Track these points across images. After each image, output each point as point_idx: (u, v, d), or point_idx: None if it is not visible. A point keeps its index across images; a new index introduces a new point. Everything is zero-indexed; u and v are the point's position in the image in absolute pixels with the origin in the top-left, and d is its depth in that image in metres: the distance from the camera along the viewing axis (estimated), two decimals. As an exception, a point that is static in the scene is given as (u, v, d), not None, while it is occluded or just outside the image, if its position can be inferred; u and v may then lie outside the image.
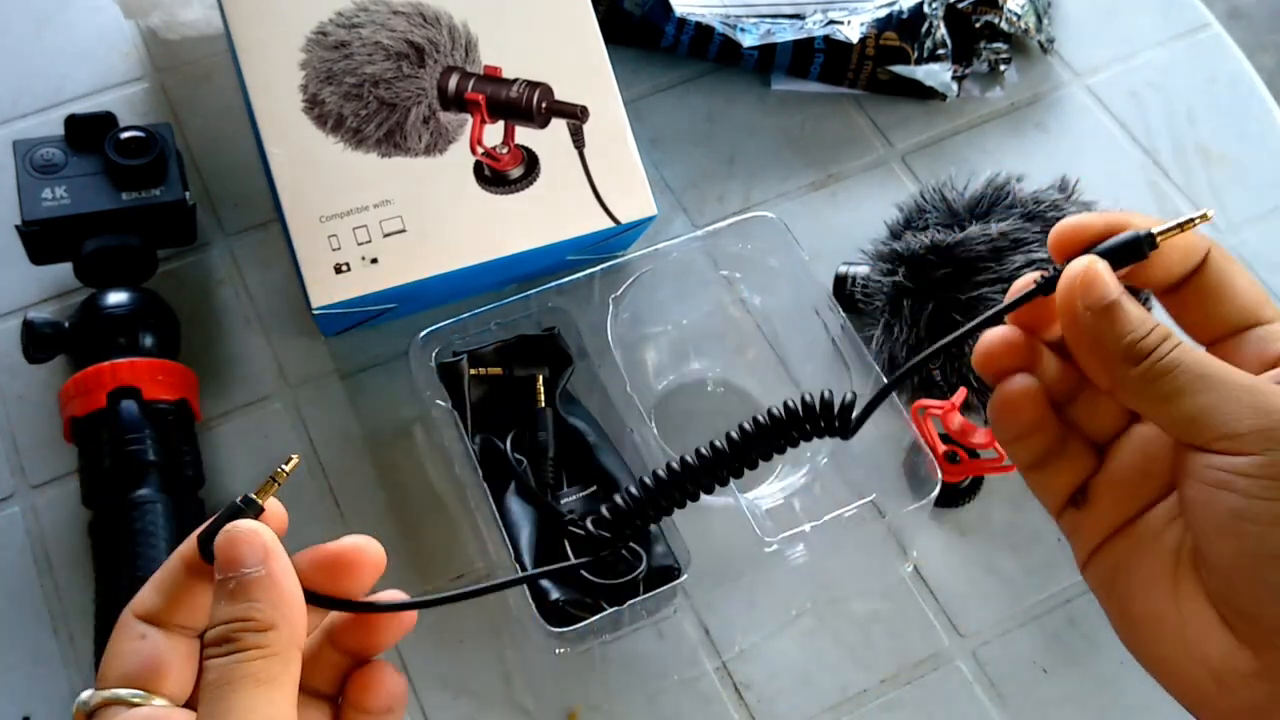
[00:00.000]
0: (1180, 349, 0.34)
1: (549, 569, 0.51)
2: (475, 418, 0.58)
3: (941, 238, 0.58)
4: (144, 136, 0.60)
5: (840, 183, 0.71)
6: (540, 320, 0.60)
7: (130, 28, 0.74)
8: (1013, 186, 0.60)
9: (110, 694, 0.34)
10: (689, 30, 0.72)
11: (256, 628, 0.33)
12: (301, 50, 0.58)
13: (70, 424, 0.57)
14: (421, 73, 0.59)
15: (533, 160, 0.59)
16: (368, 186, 0.58)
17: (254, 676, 0.32)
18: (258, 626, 0.33)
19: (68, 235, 0.59)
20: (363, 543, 0.36)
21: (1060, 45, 0.77)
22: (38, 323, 0.57)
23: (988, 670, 0.57)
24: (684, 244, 0.61)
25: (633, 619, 0.55)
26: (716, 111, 0.73)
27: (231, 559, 0.34)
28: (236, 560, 0.34)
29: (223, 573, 0.33)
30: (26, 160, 0.59)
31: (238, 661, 0.32)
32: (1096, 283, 0.34)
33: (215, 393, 0.62)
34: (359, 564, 0.36)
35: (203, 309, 0.65)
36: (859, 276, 0.63)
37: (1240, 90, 0.76)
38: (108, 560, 0.53)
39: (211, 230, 0.67)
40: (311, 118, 0.58)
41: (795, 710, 0.56)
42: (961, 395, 0.57)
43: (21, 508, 0.59)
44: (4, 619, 0.57)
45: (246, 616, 0.33)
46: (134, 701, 0.34)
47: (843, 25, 0.71)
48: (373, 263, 0.57)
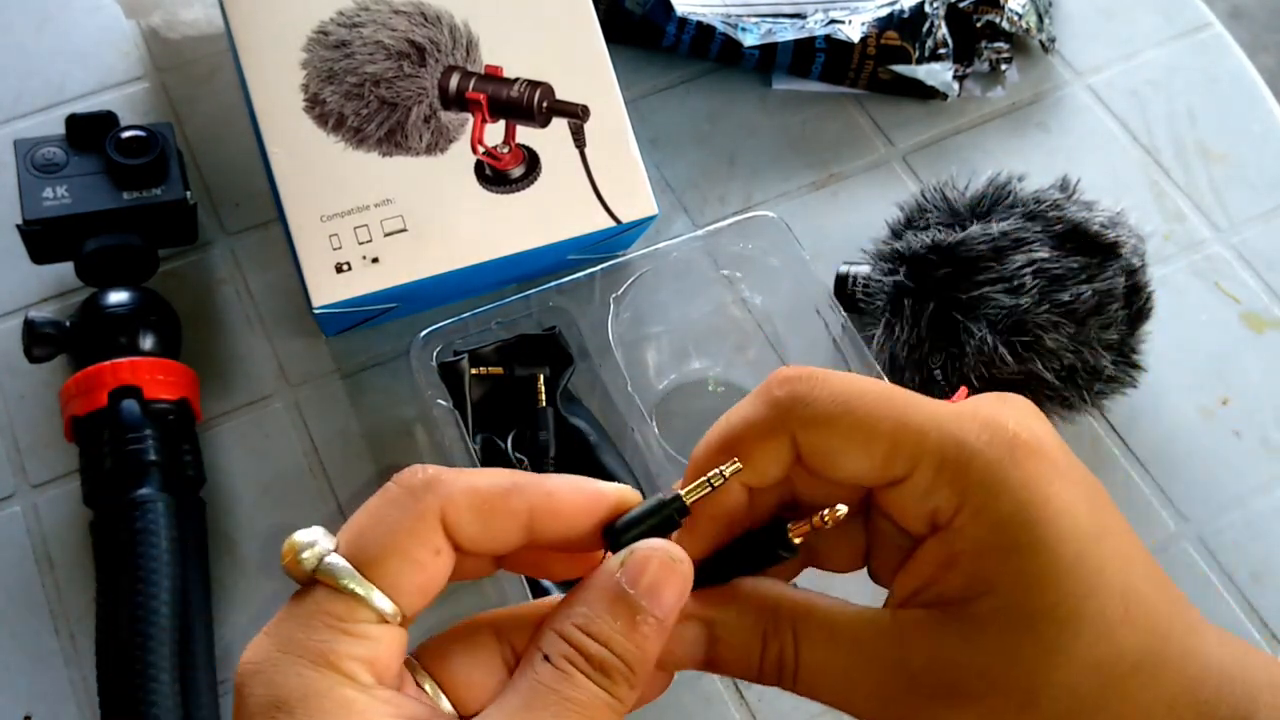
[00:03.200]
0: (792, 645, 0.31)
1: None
2: (476, 417, 0.58)
3: (943, 237, 0.58)
4: (145, 136, 0.60)
5: (841, 182, 0.71)
6: (541, 320, 0.60)
7: (131, 27, 0.74)
8: (1014, 186, 0.60)
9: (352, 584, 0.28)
10: (690, 30, 0.72)
11: (627, 677, 0.28)
12: (302, 49, 0.58)
13: (71, 423, 0.57)
14: (422, 72, 0.59)
15: (534, 160, 0.59)
16: (369, 186, 0.58)
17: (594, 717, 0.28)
18: (629, 677, 0.28)
19: (68, 234, 0.59)
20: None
21: (1061, 45, 0.77)
22: (38, 322, 0.57)
23: (989, 670, 0.57)
24: (685, 243, 0.61)
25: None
26: (717, 111, 0.73)
27: (656, 590, 0.29)
28: (659, 595, 0.29)
29: (634, 588, 0.29)
30: (27, 159, 0.59)
31: (592, 695, 0.28)
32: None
33: (216, 392, 0.62)
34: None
35: (204, 308, 0.65)
36: (860, 276, 0.63)
37: (1241, 90, 0.76)
38: (109, 560, 0.53)
39: (212, 230, 0.67)
40: (312, 117, 0.58)
41: (796, 709, 0.56)
42: (962, 394, 0.56)
43: (22, 507, 0.59)
44: (5, 618, 0.57)
45: (629, 660, 0.28)
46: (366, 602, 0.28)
47: (844, 25, 0.71)
48: (374, 262, 0.57)
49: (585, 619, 0.28)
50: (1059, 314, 0.56)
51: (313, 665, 0.27)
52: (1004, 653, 0.28)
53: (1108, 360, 0.57)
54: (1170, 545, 0.61)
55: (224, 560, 0.58)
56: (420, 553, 0.29)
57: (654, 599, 0.29)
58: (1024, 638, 0.28)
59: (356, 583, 0.29)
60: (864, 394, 0.30)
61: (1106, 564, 0.28)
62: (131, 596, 0.52)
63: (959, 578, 0.29)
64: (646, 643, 0.29)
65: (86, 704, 0.55)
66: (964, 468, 0.29)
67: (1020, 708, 0.28)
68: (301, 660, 0.28)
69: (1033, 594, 0.28)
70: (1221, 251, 0.70)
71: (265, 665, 0.28)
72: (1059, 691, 0.28)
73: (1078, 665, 0.28)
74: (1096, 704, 0.28)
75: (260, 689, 0.27)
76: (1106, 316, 0.57)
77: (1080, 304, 0.56)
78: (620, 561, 0.29)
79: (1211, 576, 0.60)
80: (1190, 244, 0.70)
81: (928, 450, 0.30)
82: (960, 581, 0.29)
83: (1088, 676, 0.28)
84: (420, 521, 0.29)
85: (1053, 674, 0.28)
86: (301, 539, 0.29)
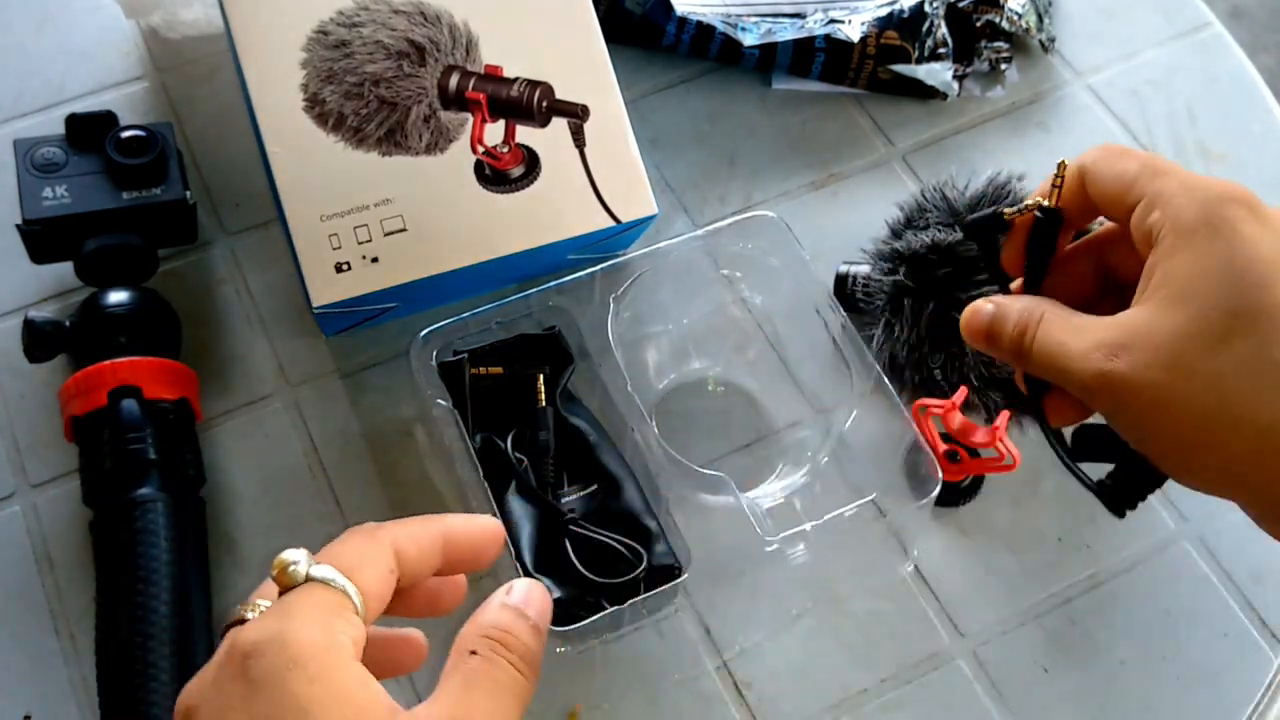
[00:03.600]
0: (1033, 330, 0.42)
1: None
2: (476, 417, 0.58)
3: (942, 237, 0.58)
4: (145, 136, 0.60)
5: (841, 182, 0.71)
6: (541, 319, 0.60)
7: (131, 27, 0.74)
8: (1014, 185, 0.60)
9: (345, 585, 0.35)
10: (690, 29, 0.72)
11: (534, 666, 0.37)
12: (302, 49, 0.58)
13: (71, 423, 0.57)
14: (422, 72, 0.59)
15: (533, 159, 0.59)
16: (368, 186, 0.58)
17: (517, 694, 0.35)
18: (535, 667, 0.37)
19: (68, 234, 0.59)
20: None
21: (1061, 44, 0.77)
22: (38, 322, 0.57)
23: (988, 670, 0.57)
24: (684, 243, 0.61)
25: (633, 618, 0.55)
26: (717, 111, 0.73)
27: (533, 604, 0.38)
28: (535, 606, 0.38)
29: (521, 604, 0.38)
30: (27, 159, 0.59)
31: (514, 676, 0.36)
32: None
33: (216, 392, 0.62)
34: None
35: (203, 308, 0.65)
36: (860, 276, 0.63)
37: (1241, 89, 0.76)
38: (109, 559, 0.53)
39: (212, 229, 0.67)
40: (312, 117, 0.58)
41: (796, 709, 0.56)
42: (962, 394, 0.56)
43: (22, 506, 0.59)
44: (5, 618, 0.57)
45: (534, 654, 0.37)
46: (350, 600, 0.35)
47: (844, 24, 0.71)
48: (373, 262, 0.57)
49: (498, 622, 0.37)
50: (1059, 314, 0.56)
51: (322, 634, 0.33)
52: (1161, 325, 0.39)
53: (1107, 360, 0.57)
54: (1170, 545, 0.61)
55: (224, 560, 0.58)
56: (384, 568, 0.36)
57: (534, 610, 0.38)
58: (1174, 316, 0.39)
59: (348, 586, 0.35)
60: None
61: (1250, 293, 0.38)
62: (131, 596, 0.52)
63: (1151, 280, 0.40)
64: (536, 639, 0.37)
65: (86, 703, 0.55)
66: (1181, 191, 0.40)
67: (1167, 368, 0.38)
68: (313, 627, 0.33)
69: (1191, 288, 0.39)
70: (1221, 251, 0.70)
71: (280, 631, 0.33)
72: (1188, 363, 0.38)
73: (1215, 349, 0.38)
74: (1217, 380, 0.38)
75: (276, 649, 0.32)
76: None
77: (1080, 304, 0.56)
78: (504, 591, 0.38)
79: (1211, 576, 0.60)
80: (1190, 244, 0.70)
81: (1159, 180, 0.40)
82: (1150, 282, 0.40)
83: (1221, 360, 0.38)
84: (382, 548, 0.37)
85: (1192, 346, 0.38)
86: (289, 556, 0.35)
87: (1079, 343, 0.40)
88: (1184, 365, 0.38)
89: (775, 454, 0.61)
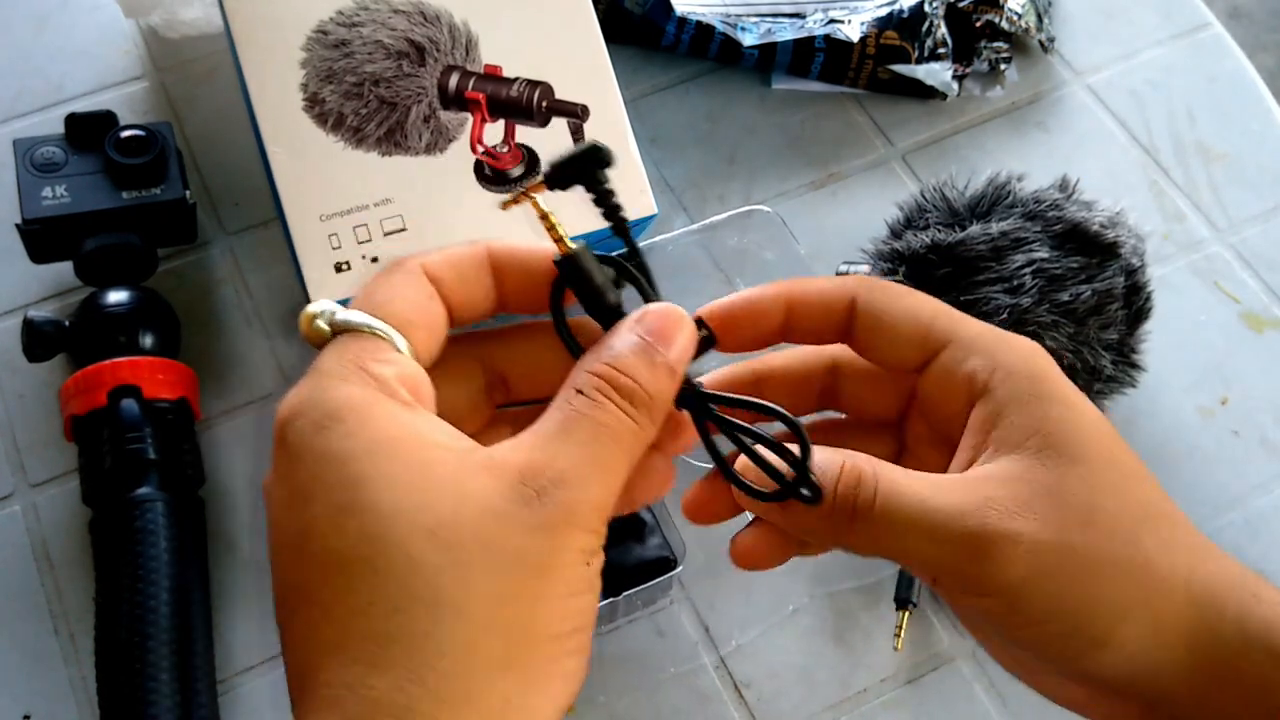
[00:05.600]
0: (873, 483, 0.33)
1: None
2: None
3: (942, 237, 0.58)
4: (144, 135, 0.60)
5: (841, 182, 0.71)
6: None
7: (130, 26, 0.74)
8: (1013, 186, 0.60)
9: (368, 323, 0.32)
10: (689, 29, 0.72)
11: (649, 407, 0.32)
12: (302, 49, 0.58)
13: (70, 422, 0.57)
14: (422, 71, 0.59)
15: (533, 159, 0.59)
16: (368, 185, 0.58)
17: (623, 440, 0.31)
18: (650, 408, 0.32)
19: (68, 234, 0.59)
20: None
21: (1061, 44, 0.77)
22: (38, 321, 0.57)
23: (988, 669, 0.57)
24: (681, 238, 0.61)
25: (628, 610, 0.55)
26: (717, 110, 0.73)
27: (667, 338, 0.33)
28: (670, 341, 0.33)
29: (651, 336, 0.33)
30: (27, 159, 0.59)
31: (620, 419, 0.31)
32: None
33: (215, 391, 0.62)
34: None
35: (203, 308, 0.65)
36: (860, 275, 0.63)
37: (1241, 89, 0.76)
38: (108, 559, 0.53)
39: (212, 229, 0.67)
40: (312, 116, 0.58)
41: (796, 709, 0.56)
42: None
43: (22, 506, 0.59)
44: (4, 617, 0.57)
45: (651, 393, 0.32)
46: (384, 339, 0.32)
47: (843, 24, 0.71)
48: (373, 261, 0.57)
49: (613, 358, 0.32)
50: (1058, 314, 0.56)
51: (357, 382, 0.30)
52: (1060, 479, 0.33)
53: (1107, 360, 0.57)
54: (1169, 545, 0.61)
55: (223, 559, 0.58)
56: (418, 296, 0.33)
57: (666, 345, 0.33)
58: (1073, 469, 0.33)
59: (374, 323, 0.32)
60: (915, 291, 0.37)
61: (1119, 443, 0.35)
62: (131, 595, 0.52)
63: (1006, 430, 0.34)
64: (663, 382, 0.32)
65: (86, 703, 0.55)
66: (997, 340, 0.35)
67: (1083, 524, 0.32)
68: (344, 381, 0.30)
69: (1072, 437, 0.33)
70: (1221, 251, 0.70)
71: (310, 394, 0.30)
72: (1107, 516, 0.32)
73: (1122, 499, 0.33)
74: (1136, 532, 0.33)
75: (308, 410, 0.30)
76: (1106, 316, 0.57)
77: (1080, 304, 0.56)
78: (635, 319, 0.34)
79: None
80: (1189, 243, 0.70)
81: (963, 326, 0.36)
82: (1007, 433, 0.34)
83: (1129, 509, 0.33)
84: (411, 275, 0.33)
85: (1103, 499, 0.33)
86: (314, 308, 0.32)
87: (949, 500, 0.32)
88: (1100, 522, 0.32)
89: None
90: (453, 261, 0.34)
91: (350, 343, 0.31)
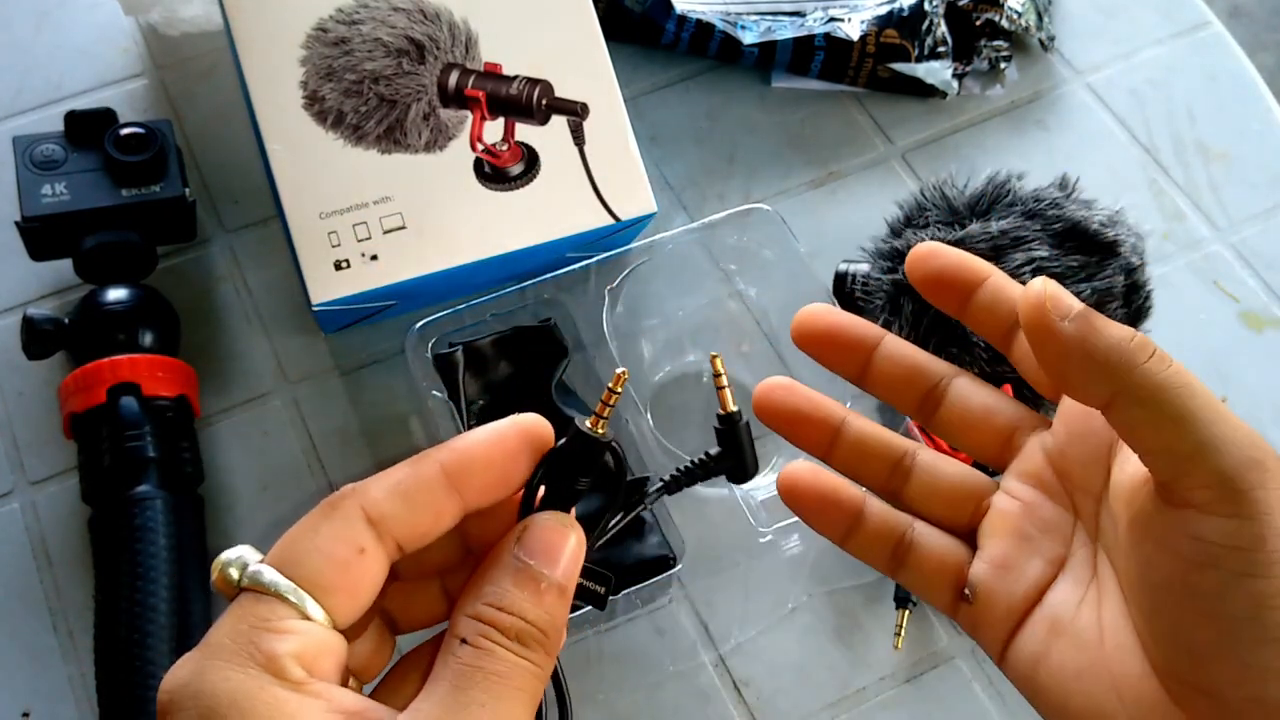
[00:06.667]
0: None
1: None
2: (470, 408, 0.58)
3: (942, 235, 0.58)
4: (144, 133, 0.60)
5: (841, 180, 0.71)
6: (536, 312, 0.60)
7: (130, 24, 0.74)
8: (1013, 184, 0.60)
9: (275, 583, 0.29)
10: (689, 27, 0.72)
11: (542, 642, 0.29)
12: (301, 46, 0.58)
13: (70, 420, 0.57)
14: (421, 69, 0.59)
15: (533, 157, 0.59)
16: (368, 183, 0.58)
17: (521, 686, 0.29)
18: (544, 642, 0.29)
19: (67, 231, 0.59)
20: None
21: (1061, 43, 0.77)
22: (37, 319, 0.57)
23: (987, 668, 0.57)
24: (680, 236, 0.61)
25: (628, 608, 0.55)
26: (717, 109, 0.73)
27: (551, 553, 0.30)
28: (555, 560, 0.30)
29: (533, 559, 0.30)
30: (26, 156, 0.59)
31: (514, 664, 0.29)
32: (1062, 294, 0.32)
33: (215, 389, 0.62)
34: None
35: (202, 305, 0.65)
36: (859, 274, 0.63)
37: (1241, 88, 0.76)
38: (107, 557, 0.53)
39: (211, 227, 0.67)
40: (311, 114, 0.58)
41: (795, 707, 0.56)
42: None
43: (21, 504, 0.59)
44: (4, 615, 0.57)
45: (542, 626, 0.29)
46: (291, 603, 0.29)
47: (843, 22, 0.71)
48: (372, 259, 0.57)
49: (494, 596, 0.29)
50: (1058, 312, 0.56)
51: (240, 666, 0.27)
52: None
53: (1106, 359, 0.57)
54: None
55: (222, 557, 0.58)
56: (342, 550, 0.29)
57: (551, 564, 0.30)
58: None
59: (280, 585, 0.29)
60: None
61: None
62: (130, 593, 0.52)
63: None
64: (554, 608, 0.30)
65: (85, 700, 0.55)
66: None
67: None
68: (229, 664, 0.27)
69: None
70: (1220, 250, 0.70)
71: (192, 679, 0.28)
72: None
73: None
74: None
75: (189, 703, 0.27)
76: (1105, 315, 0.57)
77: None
78: (515, 538, 0.30)
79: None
80: (1189, 243, 0.70)
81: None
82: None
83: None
84: (341, 522, 0.29)
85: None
86: (228, 556, 0.30)
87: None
88: None
89: (770, 447, 0.61)
90: (401, 491, 0.30)
91: (252, 607, 0.28)
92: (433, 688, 0.29)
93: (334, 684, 0.29)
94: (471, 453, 0.31)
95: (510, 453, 0.31)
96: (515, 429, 0.32)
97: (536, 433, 0.32)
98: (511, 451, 0.31)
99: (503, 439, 0.31)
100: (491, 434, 0.31)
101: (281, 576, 0.29)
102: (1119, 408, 0.31)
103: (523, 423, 0.32)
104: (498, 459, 0.31)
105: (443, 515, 0.31)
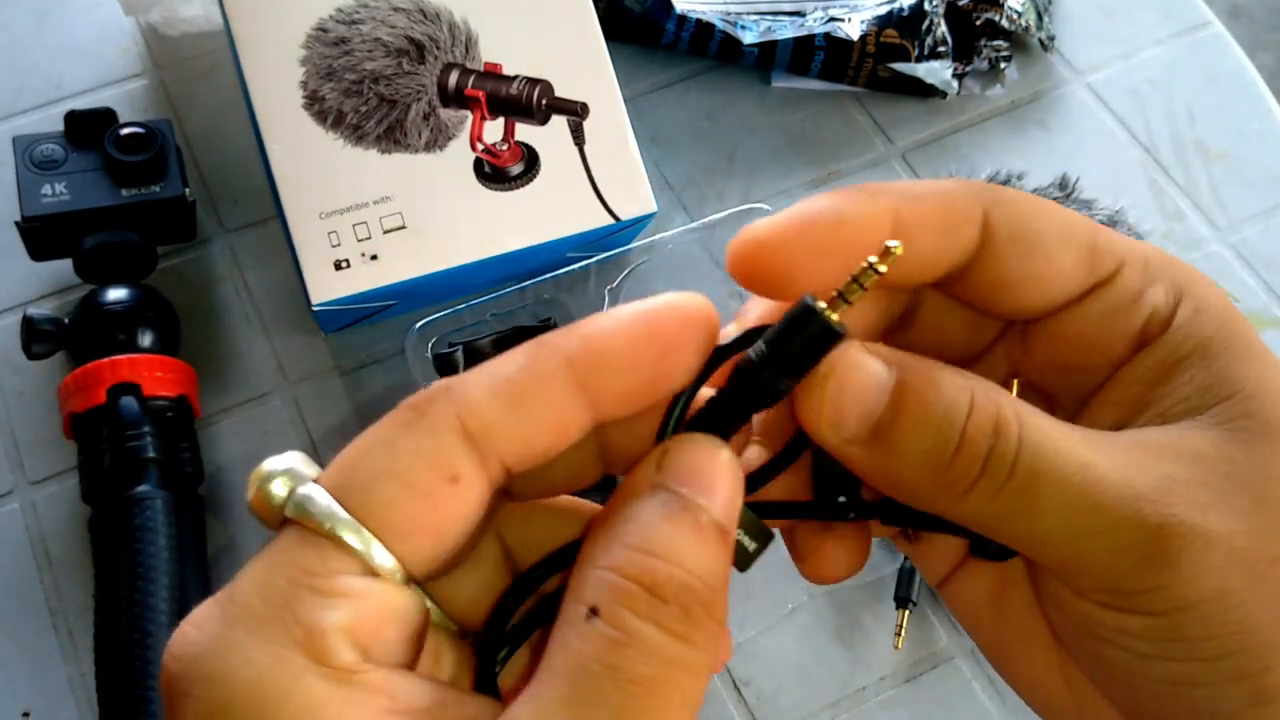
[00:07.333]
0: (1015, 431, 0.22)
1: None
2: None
3: (941, 235, 0.58)
4: (144, 133, 0.60)
5: (841, 180, 0.71)
6: (536, 311, 0.60)
7: (130, 24, 0.74)
8: (1013, 184, 0.60)
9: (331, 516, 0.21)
10: (689, 27, 0.72)
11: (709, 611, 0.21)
12: (301, 46, 0.58)
13: (70, 420, 0.57)
14: (421, 69, 0.59)
15: (533, 157, 0.59)
16: (368, 183, 0.58)
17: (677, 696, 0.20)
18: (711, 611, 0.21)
19: (67, 231, 0.59)
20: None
21: (1061, 43, 0.77)
22: (37, 319, 0.56)
23: (987, 668, 0.57)
24: (680, 236, 0.61)
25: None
26: (716, 109, 0.73)
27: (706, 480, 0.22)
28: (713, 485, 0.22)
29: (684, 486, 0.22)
30: (26, 156, 0.59)
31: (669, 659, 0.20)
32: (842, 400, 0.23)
33: (215, 389, 0.62)
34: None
35: (202, 305, 0.65)
36: (859, 274, 0.63)
37: (1241, 89, 0.76)
38: (107, 557, 0.53)
39: (211, 227, 0.67)
40: (311, 114, 0.58)
41: (795, 707, 0.56)
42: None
43: (21, 504, 0.59)
44: (3, 615, 0.57)
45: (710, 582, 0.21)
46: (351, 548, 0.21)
47: (843, 22, 0.71)
48: (372, 259, 0.57)
49: (637, 537, 0.21)
50: (1058, 312, 0.56)
51: (270, 643, 0.20)
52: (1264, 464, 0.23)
53: (1106, 358, 0.57)
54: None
55: (223, 558, 0.58)
56: (426, 478, 0.21)
57: (709, 494, 0.22)
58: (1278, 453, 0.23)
59: (339, 519, 0.21)
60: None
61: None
62: (130, 594, 0.52)
63: (1187, 385, 0.24)
64: (716, 559, 0.21)
65: (85, 701, 0.55)
66: (1171, 265, 0.25)
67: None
68: (256, 638, 0.20)
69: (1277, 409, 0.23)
70: (1221, 251, 0.70)
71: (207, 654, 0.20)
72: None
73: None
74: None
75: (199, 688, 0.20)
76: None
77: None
78: (654, 464, 0.22)
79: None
80: (1189, 243, 0.70)
81: (1131, 247, 0.25)
82: (1187, 390, 0.24)
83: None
84: (427, 436, 0.22)
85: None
86: (272, 465, 0.22)
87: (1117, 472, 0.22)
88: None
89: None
90: (512, 394, 0.22)
91: (296, 551, 0.21)
92: (540, 689, 0.20)
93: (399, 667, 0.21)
94: (608, 344, 0.22)
95: (663, 345, 0.23)
96: (670, 311, 0.23)
97: (700, 317, 0.23)
98: (665, 343, 0.23)
99: (652, 325, 0.23)
100: (636, 318, 0.23)
101: (340, 508, 0.21)
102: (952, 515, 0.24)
103: (680, 304, 0.23)
104: (645, 355, 0.23)
105: (567, 427, 0.22)
